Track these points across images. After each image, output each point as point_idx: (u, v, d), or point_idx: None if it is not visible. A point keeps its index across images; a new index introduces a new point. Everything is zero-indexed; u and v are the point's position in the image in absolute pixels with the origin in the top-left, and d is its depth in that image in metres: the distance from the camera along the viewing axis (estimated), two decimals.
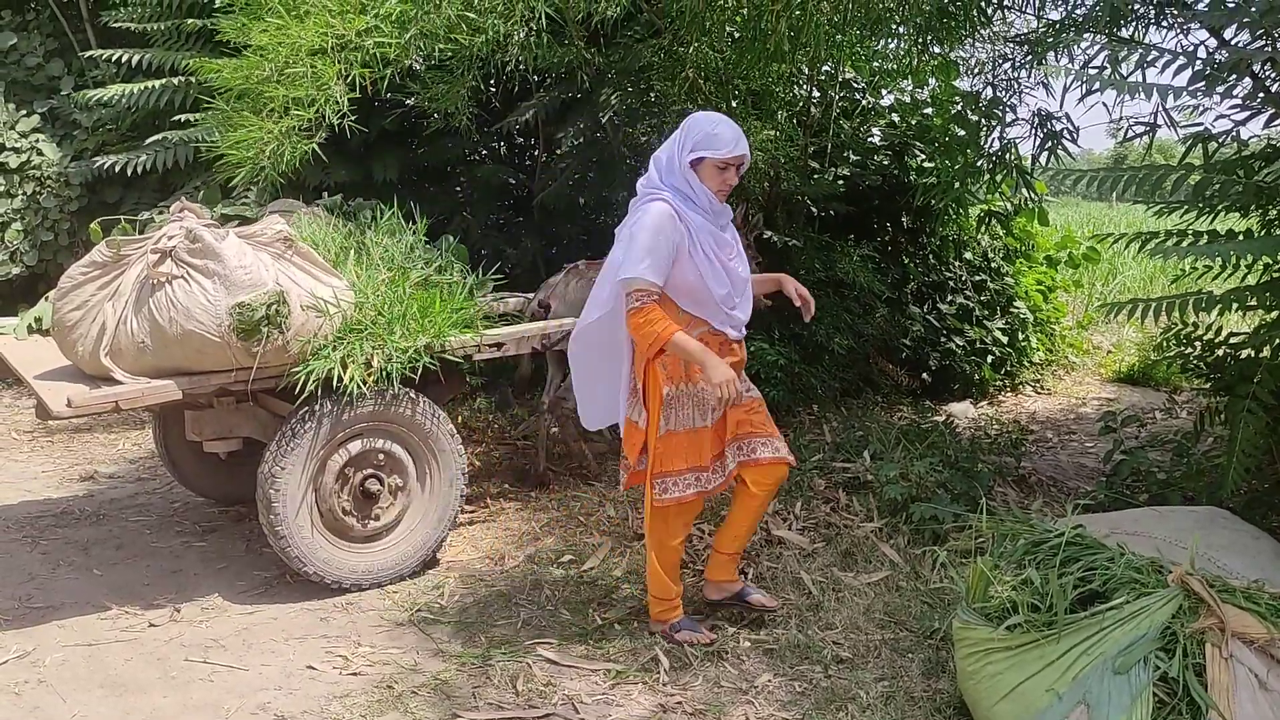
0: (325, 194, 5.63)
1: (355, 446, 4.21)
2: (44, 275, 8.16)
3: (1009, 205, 8.06)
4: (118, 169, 7.44)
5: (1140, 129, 4.60)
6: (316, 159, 4.54)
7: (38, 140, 8.10)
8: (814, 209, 7.17)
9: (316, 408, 4.07)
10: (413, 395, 4.29)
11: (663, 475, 3.66)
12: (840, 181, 7.29)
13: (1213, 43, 4.19)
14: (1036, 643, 2.95)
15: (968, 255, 8.30)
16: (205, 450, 4.35)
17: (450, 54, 4.94)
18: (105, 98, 7.28)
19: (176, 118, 7.15)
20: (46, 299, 4.47)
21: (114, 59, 7.42)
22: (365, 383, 4.03)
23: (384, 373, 4.07)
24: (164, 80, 7.24)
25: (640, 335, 3.52)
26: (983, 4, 5.32)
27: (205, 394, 4.06)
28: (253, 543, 4.81)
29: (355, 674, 3.64)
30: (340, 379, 3.97)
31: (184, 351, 3.83)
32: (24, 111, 8.18)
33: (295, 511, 4.09)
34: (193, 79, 6.71)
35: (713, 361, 3.45)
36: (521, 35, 4.96)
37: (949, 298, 7.95)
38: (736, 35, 6.01)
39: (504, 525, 5.02)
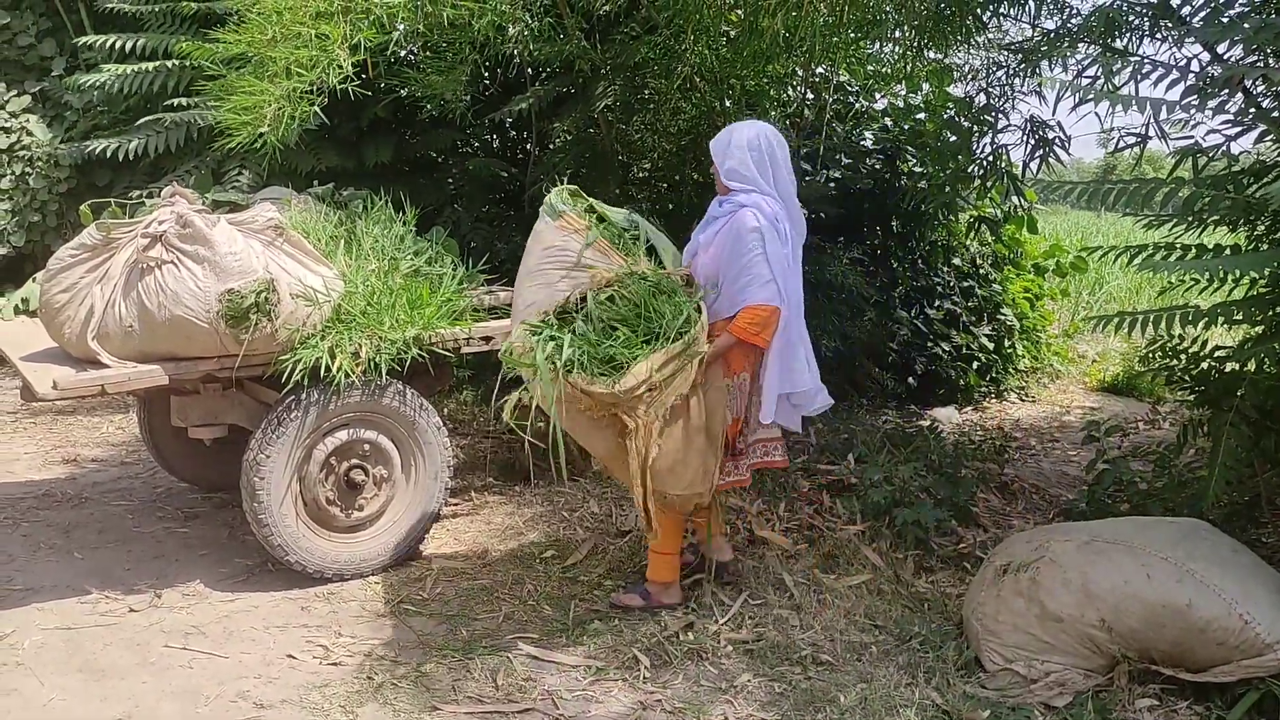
0: (316, 182, 5.60)
1: (341, 436, 4.20)
2: (31, 256, 8.11)
3: (999, 212, 8.08)
4: (109, 154, 7.39)
5: (1131, 140, 4.62)
6: (308, 145, 4.49)
7: (28, 120, 8.04)
8: (805, 210, 7.16)
9: (303, 396, 4.07)
10: (400, 386, 4.29)
11: None
12: (831, 184, 7.30)
13: (1206, 57, 4.21)
14: None
15: (956, 261, 8.32)
16: (190, 436, 4.35)
17: (447, 42, 4.91)
18: (99, 82, 7.20)
19: (170, 102, 7.11)
20: (34, 280, 4.45)
21: (108, 45, 7.35)
22: (353, 373, 4.03)
23: (372, 363, 4.08)
24: (158, 63, 7.18)
25: None
26: (978, 10, 5.32)
27: (192, 380, 4.06)
28: (235, 530, 4.80)
29: (335, 664, 3.64)
30: (328, 368, 3.97)
31: (172, 337, 3.83)
32: (14, 91, 8.13)
33: (279, 500, 4.08)
34: (187, 63, 6.66)
35: None
36: (524, 23, 4.94)
37: (937, 303, 7.96)
38: (732, 34, 6.00)
39: (487, 519, 5.02)
